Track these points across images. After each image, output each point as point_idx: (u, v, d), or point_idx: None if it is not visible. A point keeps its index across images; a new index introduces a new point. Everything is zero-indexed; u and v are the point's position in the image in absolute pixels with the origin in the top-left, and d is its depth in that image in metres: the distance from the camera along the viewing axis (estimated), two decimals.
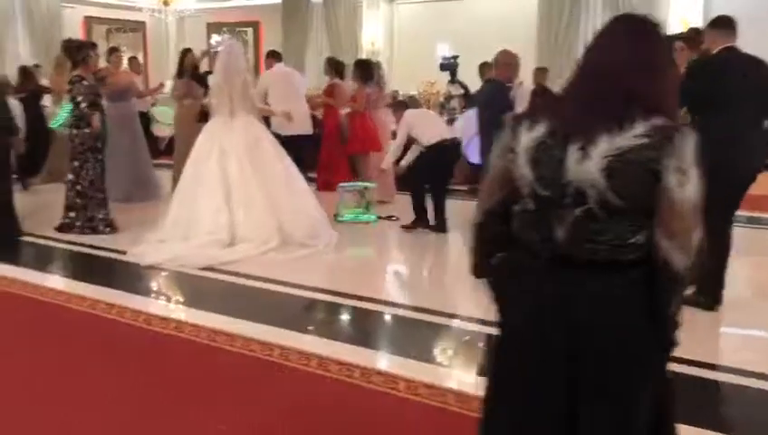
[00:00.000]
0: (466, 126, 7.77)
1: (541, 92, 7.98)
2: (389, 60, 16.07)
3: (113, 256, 5.84)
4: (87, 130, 6.35)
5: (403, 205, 7.08)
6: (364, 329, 4.41)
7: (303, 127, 8.27)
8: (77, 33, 15.42)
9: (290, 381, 3.46)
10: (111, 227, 6.52)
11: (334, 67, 9.26)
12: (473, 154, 7.43)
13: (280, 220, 5.83)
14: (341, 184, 7.50)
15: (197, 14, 16.89)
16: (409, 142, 6.67)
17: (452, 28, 14.23)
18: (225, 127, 5.99)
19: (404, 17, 15.85)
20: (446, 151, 6.48)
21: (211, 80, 6.35)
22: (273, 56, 8.77)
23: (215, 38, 16.56)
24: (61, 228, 6.51)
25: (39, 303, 4.68)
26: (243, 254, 5.55)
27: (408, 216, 6.69)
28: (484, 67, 8.58)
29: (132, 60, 12.01)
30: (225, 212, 5.73)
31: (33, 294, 4.84)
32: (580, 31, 13.76)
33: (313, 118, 8.88)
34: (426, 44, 13.91)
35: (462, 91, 9.95)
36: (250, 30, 17.48)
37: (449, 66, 8.84)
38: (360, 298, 4.72)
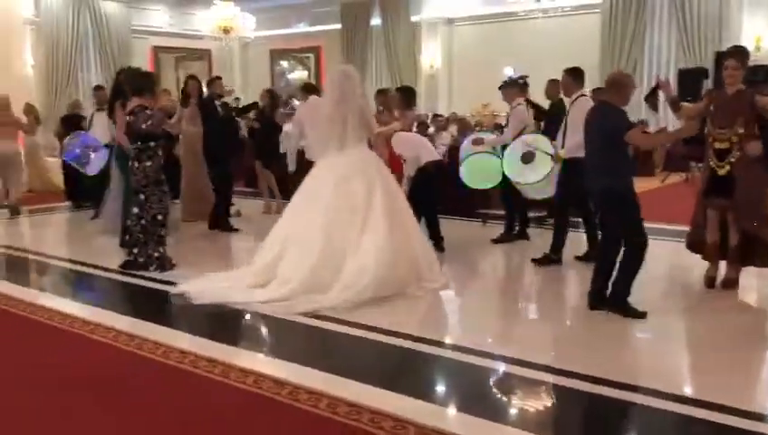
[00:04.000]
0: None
1: None
2: (449, 82, 15.98)
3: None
4: (149, 164, 5.97)
5: None
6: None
7: None
8: (146, 63, 16.05)
9: None
10: (163, 266, 6.03)
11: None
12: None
13: (331, 268, 5.08)
14: None
15: (260, 41, 17.25)
16: None
17: (513, 48, 14.01)
18: (329, 161, 5.48)
19: (463, 38, 15.72)
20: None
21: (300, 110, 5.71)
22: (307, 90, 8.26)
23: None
24: (125, 265, 6.11)
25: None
26: (255, 297, 5.00)
27: None
28: (552, 85, 8.24)
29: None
30: (275, 249, 5.30)
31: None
32: (645, 47, 13.35)
33: None
34: (486, 65, 13.71)
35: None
36: (312, 55, 17.74)
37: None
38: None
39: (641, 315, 4.55)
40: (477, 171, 7.24)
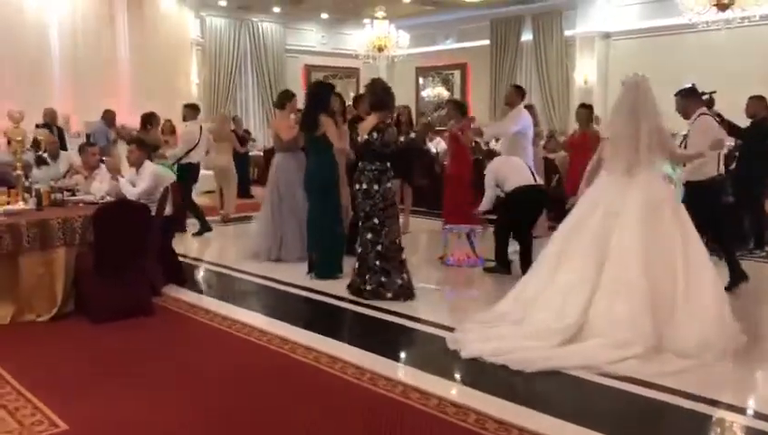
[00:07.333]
0: None
1: None
2: (604, 97, 15.28)
3: (428, 329, 4.97)
4: (389, 185, 5.62)
5: None
6: None
7: None
8: (298, 80, 16.52)
9: None
10: (407, 294, 5.58)
11: (460, 109, 8.58)
12: None
13: (660, 320, 4.25)
14: (447, 226, 7.46)
15: (408, 58, 17.32)
16: None
17: (676, 63, 13.17)
18: (618, 185, 4.68)
19: (621, 53, 14.98)
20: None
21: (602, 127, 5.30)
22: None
23: None
24: (354, 290, 5.70)
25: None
26: (586, 359, 4.08)
27: None
28: (755, 102, 7.66)
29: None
30: (586, 290, 4.41)
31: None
32: None
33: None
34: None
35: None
36: (457, 72, 17.59)
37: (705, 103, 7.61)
38: None
39: None
40: None
